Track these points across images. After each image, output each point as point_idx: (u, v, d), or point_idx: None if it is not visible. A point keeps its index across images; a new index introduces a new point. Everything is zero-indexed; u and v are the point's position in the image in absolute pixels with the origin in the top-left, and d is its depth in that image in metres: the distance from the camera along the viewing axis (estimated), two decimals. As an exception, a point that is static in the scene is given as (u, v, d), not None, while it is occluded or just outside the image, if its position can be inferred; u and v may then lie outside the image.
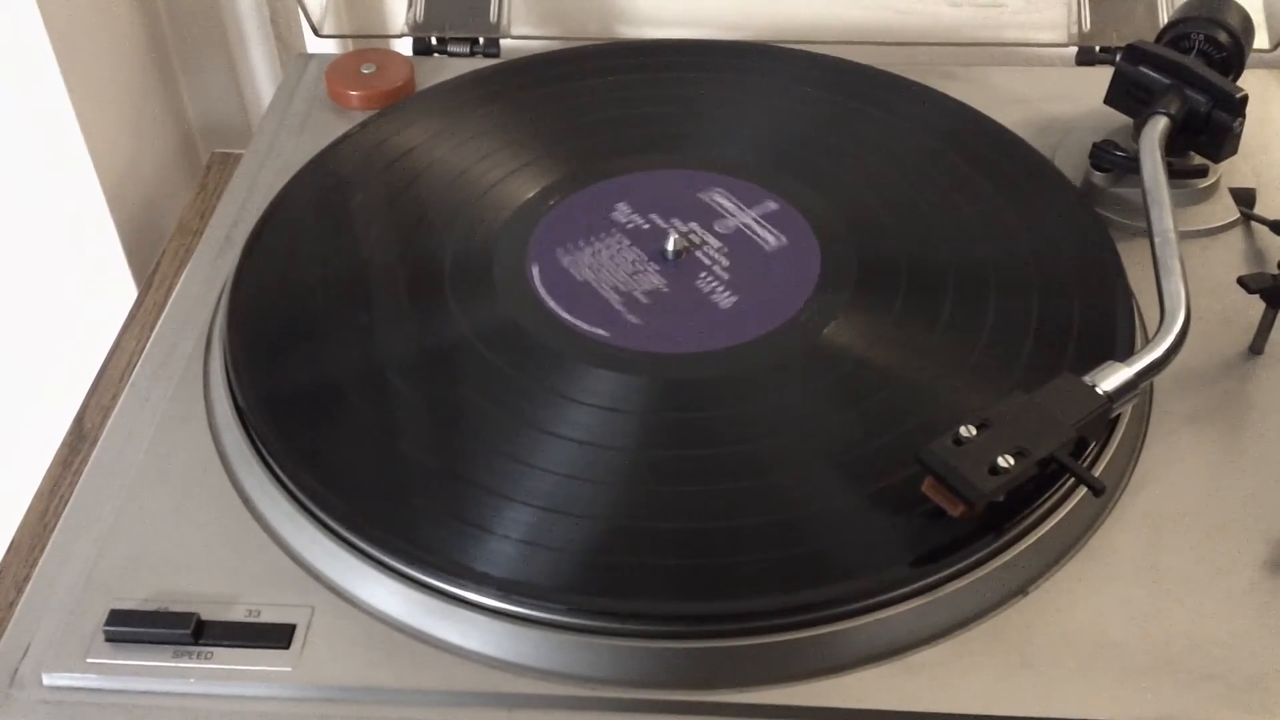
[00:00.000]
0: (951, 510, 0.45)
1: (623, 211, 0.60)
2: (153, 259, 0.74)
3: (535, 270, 0.57)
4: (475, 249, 0.58)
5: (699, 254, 0.57)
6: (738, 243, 0.58)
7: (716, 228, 0.59)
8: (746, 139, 0.64)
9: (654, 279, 0.56)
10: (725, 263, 0.57)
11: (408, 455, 0.49)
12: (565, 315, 0.54)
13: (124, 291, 0.76)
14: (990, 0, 0.76)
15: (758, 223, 0.59)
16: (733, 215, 0.60)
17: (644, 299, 0.55)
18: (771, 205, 0.60)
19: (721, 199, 0.60)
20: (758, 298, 0.55)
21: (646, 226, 0.59)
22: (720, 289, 0.56)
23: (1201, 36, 0.63)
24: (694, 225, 0.59)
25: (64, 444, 0.63)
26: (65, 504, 0.51)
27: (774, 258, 0.57)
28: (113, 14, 0.76)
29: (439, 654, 0.44)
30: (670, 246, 0.57)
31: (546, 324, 0.54)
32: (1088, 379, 0.47)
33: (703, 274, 0.56)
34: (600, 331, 0.53)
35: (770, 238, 0.58)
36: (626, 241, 0.58)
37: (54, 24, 0.68)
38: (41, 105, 0.70)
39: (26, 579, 0.53)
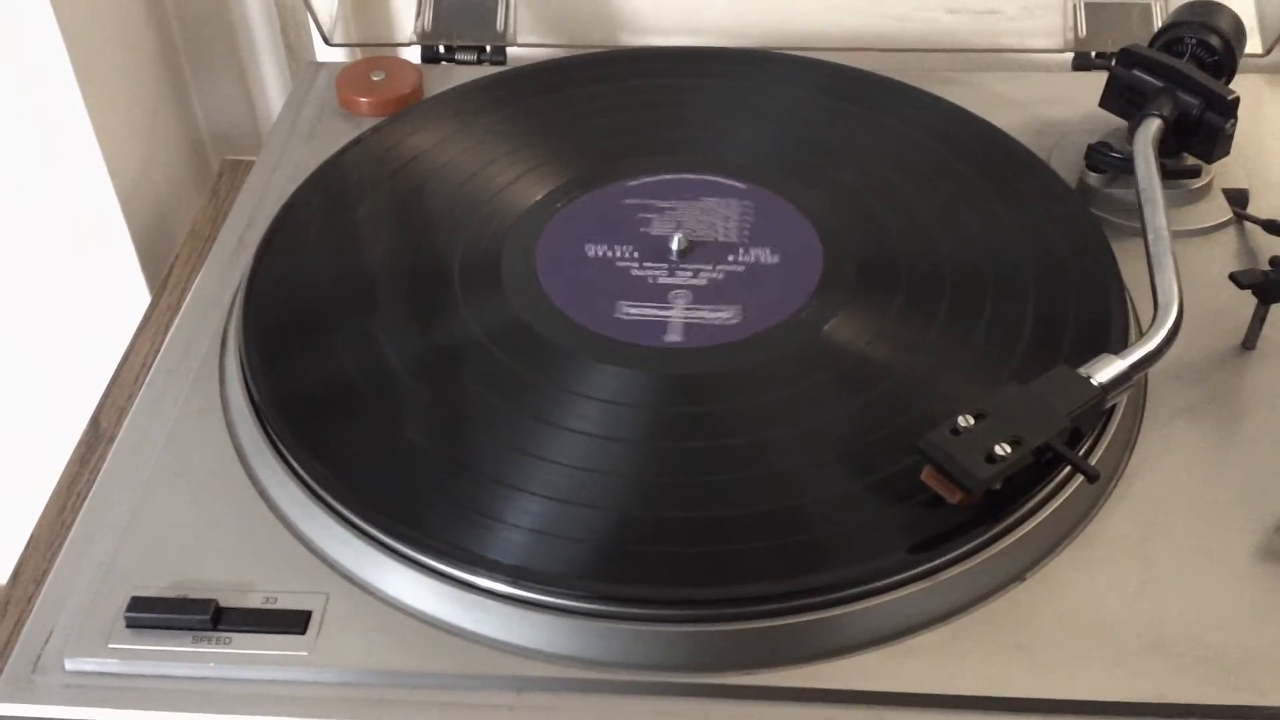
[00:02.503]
0: (950, 498, 0.46)
1: (627, 212, 0.61)
2: (165, 264, 0.75)
3: (542, 270, 0.58)
4: (484, 250, 0.59)
5: (703, 253, 0.59)
6: (741, 242, 0.59)
7: (720, 228, 0.60)
8: (748, 142, 0.66)
9: (659, 277, 0.57)
10: (729, 261, 0.58)
11: (419, 448, 0.51)
12: (572, 313, 0.55)
13: (137, 295, 0.77)
14: (987, 7, 0.77)
15: (760, 222, 0.60)
16: (735, 216, 0.61)
17: (649, 297, 0.56)
18: (774, 206, 0.61)
19: (724, 200, 0.62)
20: (761, 295, 0.56)
21: (650, 227, 0.60)
22: (724, 286, 0.57)
23: (1194, 41, 0.64)
24: (697, 225, 0.60)
25: (81, 442, 0.64)
26: (82, 501, 0.53)
27: (777, 257, 0.58)
28: (126, 24, 0.77)
29: (451, 639, 0.45)
30: (675, 246, 0.59)
31: (553, 321, 0.55)
32: (1083, 371, 0.48)
33: (707, 271, 0.58)
34: (606, 329, 0.55)
35: (773, 238, 0.59)
36: (631, 242, 0.59)
37: (70, 34, 0.69)
38: (57, 113, 0.71)
39: (45, 573, 0.54)
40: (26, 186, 0.75)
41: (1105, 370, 0.48)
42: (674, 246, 0.59)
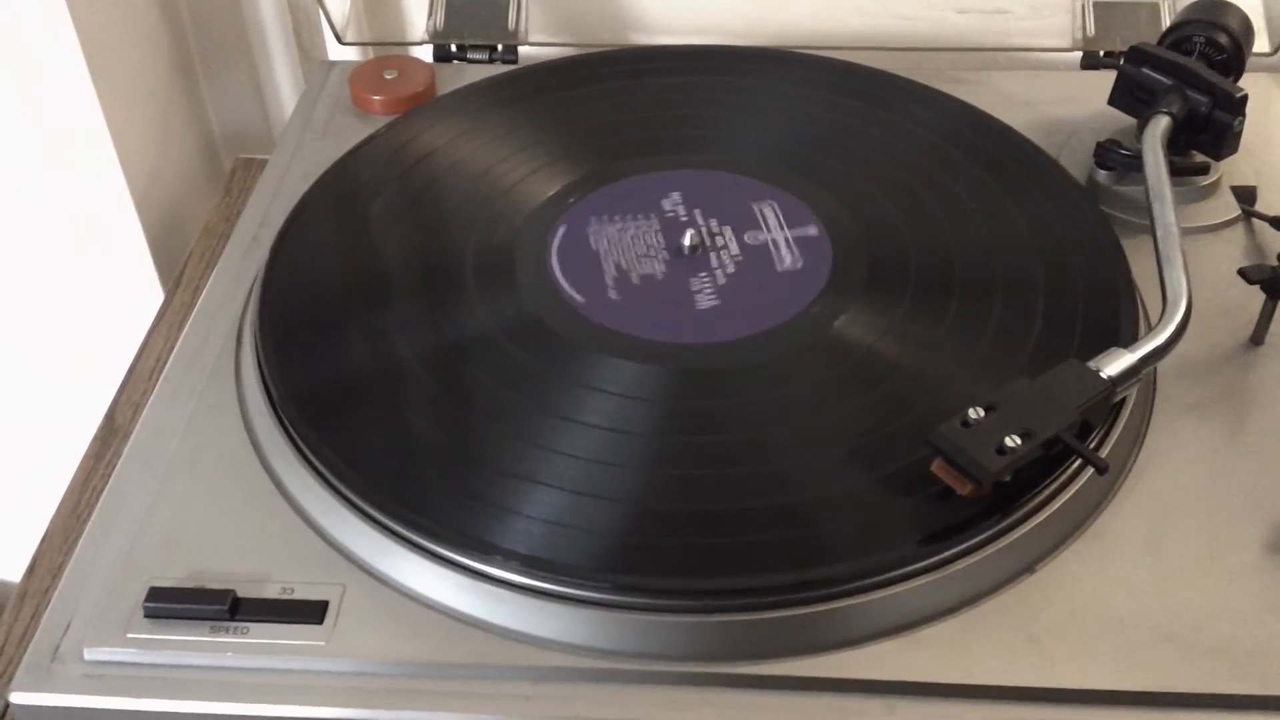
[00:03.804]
0: (960, 490, 0.46)
1: (638, 209, 0.62)
2: (178, 261, 0.76)
3: (556, 265, 0.58)
4: (497, 246, 0.60)
5: (715, 251, 0.59)
6: (751, 241, 0.60)
7: (731, 226, 0.61)
8: (759, 140, 0.66)
9: (672, 273, 0.58)
10: (739, 260, 0.59)
11: (434, 440, 0.51)
12: (584, 308, 0.56)
13: (150, 293, 0.78)
14: (996, 7, 0.78)
15: (769, 219, 0.61)
16: (745, 213, 0.61)
17: (660, 291, 0.57)
18: (784, 203, 0.62)
19: (734, 196, 0.62)
20: (772, 291, 0.57)
21: (662, 222, 0.61)
22: (734, 284, 0.57)
23: (1202, 39, 0.65)
24: (711, 222, 0.61)
25: (95, 438, 0.64)
26: (97, 496, 0.53)
27: (788, 254, 0.59)
28: (140, 24, 0.78)
29: (466, 629, 0.45)
30: (687, 242, 0.59)
31: (567, 317, 0.56)
32: (1092, 364, 0.49)
33: (717, 271, 0.58)
34: (618, 324, 0.55)
35: (783, 235, 0.60)
36: (645, 235, 0.60)
37: (85, 34, 0.70)
38: (72, 112, 0.72)
39: (61, 567, 0.55)
40: (41, 185, 0.75)
41: (1114, 364, 0.49)
42: (685, 243, 0.59)
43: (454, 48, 0.77)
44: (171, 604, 0.46)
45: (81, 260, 0.78)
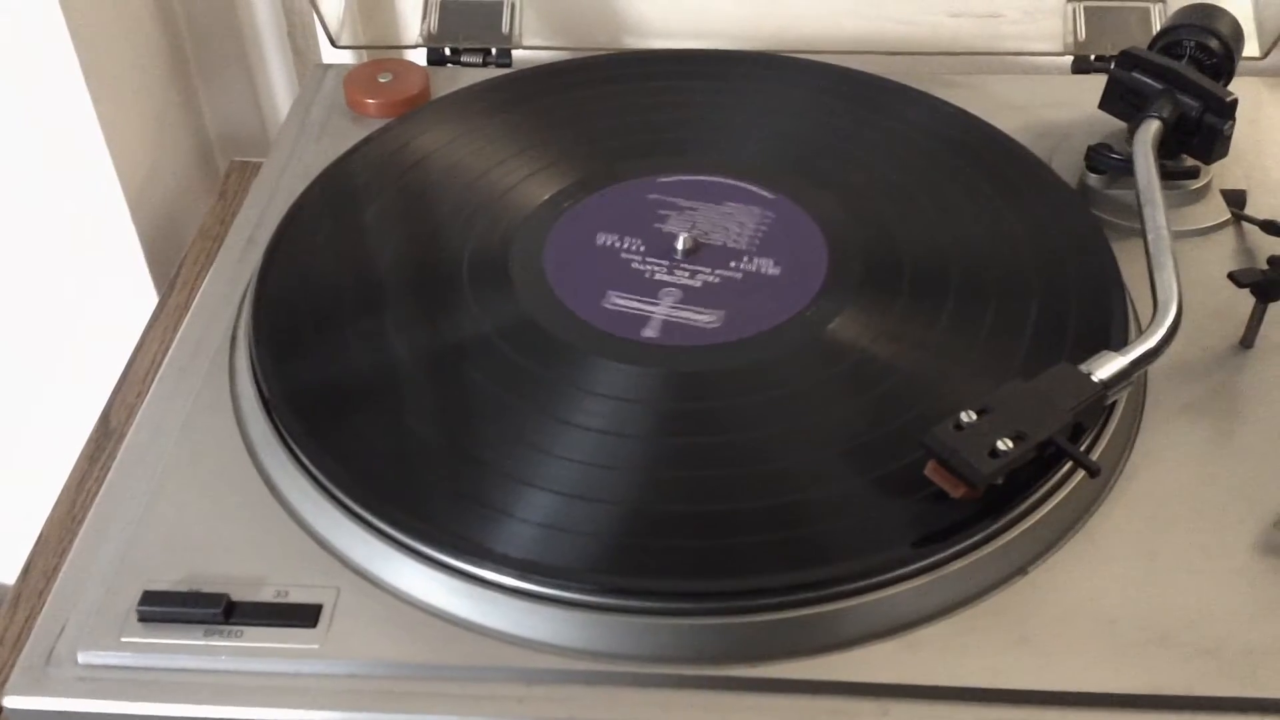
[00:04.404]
0: (953, 492, 0.46)
1: (633, 213, 0.62)
2: (173, 263, 0.76)
3: (550, 269, 0.58)
4: (492, 249, 0.60)
5: (708, 252, 0.59)
6: (747, 242, 0.60)
7: (726, 227, 0.61)
8: (754, 144, 0.66)
9: (665, 276, 0.58)
10: (735, 260, 0.59)
11: (428, 443, 0.51)
12: (580, 311, 0.56)
13: (145, 295, 0.78)
14: (989, 11, 0.78)
15: (766, 223, 0.61)
16: (741, 215, 0.61)
17: (656, 295, 0.57)
18: (779, 206, 0.62)
19: (730, 199, 0.62)
20: (767, 294, 0.57)
21: (657, 226, 0.61)
22: (729, 285, 0.57)
23: (1193, 43, 0.65)
24: (703, 225, 0.61)
25: (90, 440, 0.64)
26: (92, 498, 0.53)
27: (783, 256, 0.59)
28: (135, 26, 0.78)
29: (460, 632, 0.45)
30: (680, 245, 0.59)
31: (562, 319, 0.56)
32: (1084, 367, 0.49)
33: (712, 271, 0.58)
34: (614, 326, 0.55)
35: (779, 237, 0.60)
36: (638, 240, 0.60)
37: (79, 37, 0.70)
38: (66, 115, 0.72)
39: (56, 569, 0.55)
40: (35, 188, 0.75)
41: (1106, 367, 0.49)
42: (679, 246, 0.59)
43: (448, 51, 0.77)
44: (165, 607, 0.46)
45: (76, 262, 0.78)
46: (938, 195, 0.62)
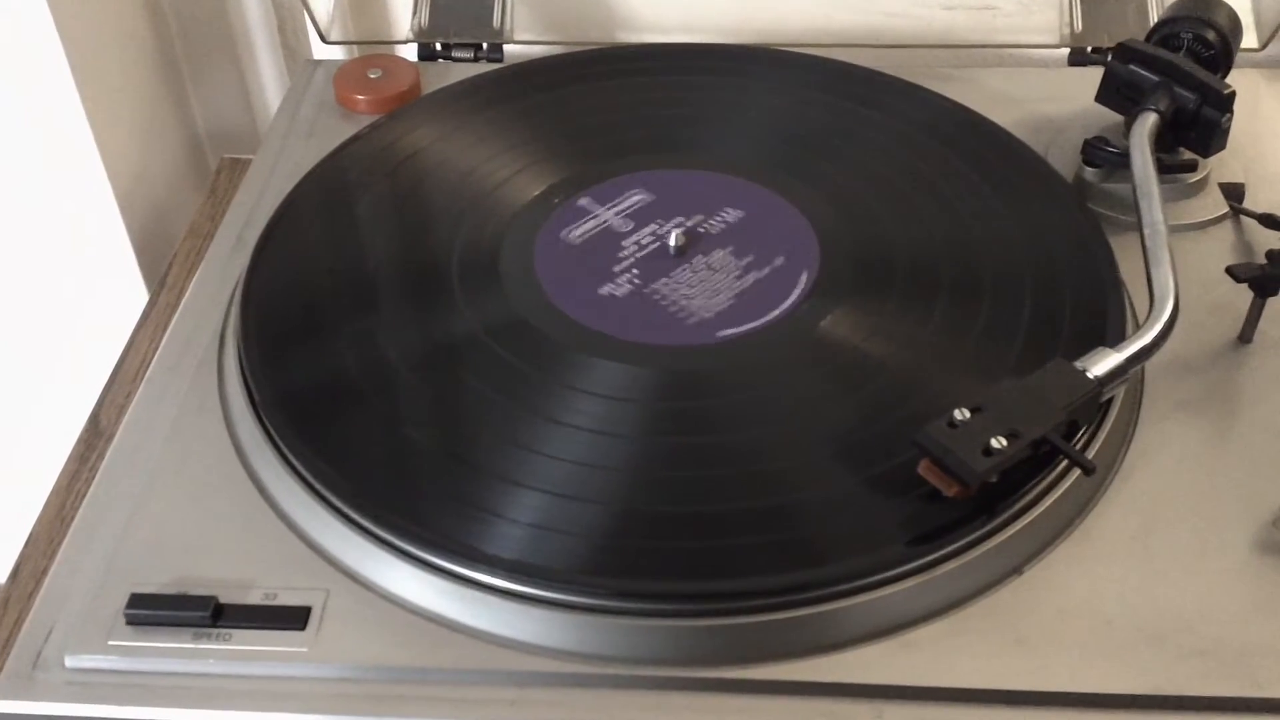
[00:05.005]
0: (947, 491, 0.46)
1: (625, 209, 0.61)
2: (163, 262, 0.75)
3: (541, 267, 0.58)
4: (482, 247, 0.59)
5: (700, 249, 0.59)
6: (738, 238, 0.59)
7: (716, 224, 0.60)
8: (746, 139, 0.66)
9: (657, 274, 0.58)
10: (726, 257, 0.58)
11: (418, 443, 0.51)
12: (570, 309, 0.56)
13: (135, 294, 0.78)
14: (983, 4, 0.77)
15: (757, 219, 0.60)
16: (733, 212, 0.61)
17: (647, 293, 0.57)
18: (771, 202, 0.61)
19: (721, 196, 0.62)
20: (758, 291, 0.56)
21: (648, 224, 0.60)
22: (722, 283, 0.57)
23: (1190, 35, 0.64)
24: (695, 222, 0.60)
25: (80, 440, 0.64)
26: (82, 499, 0.53)
27: (774, 252, 0.59)
28: (124, 23, 0.77)
29: (450, 634, 0.45)
30: (672, 242, 0.59)
31: (552, 318, 0.55)
32: (1079, 364, 0.49)
33: (705, 268, 0.58)
34: (604, 325, 0.55)
35: (770, 233, 0.60)
36: (630, 238, 0.60)
37: (67, 33, 0.69)
38: (55, 113, 0.72)
39: (45, 571, 0.54)
40: (24, 186, 0.75)
41: (1101, 364, 0.49)
42: (671, 243, 0.59)
43: (439, 46, 0.77)
44: (153, 610, 0.46)
45: (66, 261, 0.78)
46: (932, 190, 0.62)
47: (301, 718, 0.44)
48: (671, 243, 0.59)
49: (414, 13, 0.78)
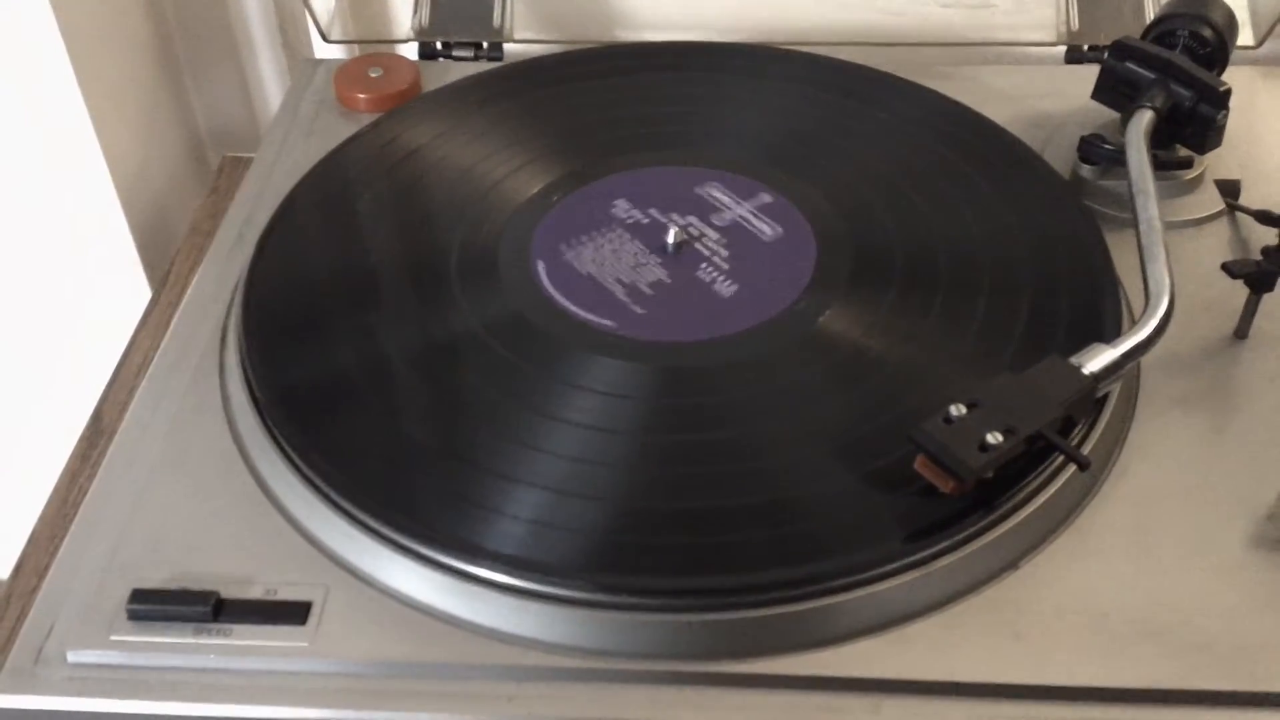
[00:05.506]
0: (943, 487, 0.46)
1: (623, 207, 0.62)
2: (165, 260, 0.75)
3: (540, 264, 0.58)
4: (481, 244, 0.59)
5: (698, 246, 0.59)
6: (736, 235, 0.60)
7: (715, 221, 0.61)
8: (744, 136, 0.66)
9: (655, 271, 0.58)
10: (724, 254, 0.59)
11: (418, 440, 0.51)
12: (570, 307, 0.56)
13: (137, 292, 0.78)
14: (980, 1, 0.78)
15: (755, 216, 0.61)
16: (730, 209, 0.61)
17: (645, 290, 0.57)
18: (768, 199, 0.62)
19: (719, 194, 0.62)
20: (756, 288, 0.57)
21: (647, 221, 0.61)
22: (720, 279, 0.57)
23: (1186, 32, 0.65)
24: (693, 219, 0.61)
25: (82, 438, 0.64)
26: (84, 495, 0.53)
27: (771, 249, 0.59)
28: (125, 22, 0.77)
29: (450, 629, 0.45)
30: (670, 239, 0.59)
31: (551, 315, 0.55)
32: (1074, 360, 0.49)
33: (703, 265, 0.58)
34: (603, 322, 0.55)
35: (767, 230, 0.60)
36: (628, 235, 0.60)
37: (69, 33, 0.70)
38: (57, 111, 0.72)
39: (47, 567, 0.54)
40: (27, 184, 0.75)
41: (1097, 360, 0.49)
42: (669, 239, 0.59)
43: (439, 45, 0.77)
44: (154, 605, 0.46)
45: (68, 259, 0.78)
46: (928, 187, 0.62)
47: (302, 712, 0.44)
48: (670, 239, 0.59)
49: (414, 12, 0.78)
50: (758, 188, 0.62)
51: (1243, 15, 0.69)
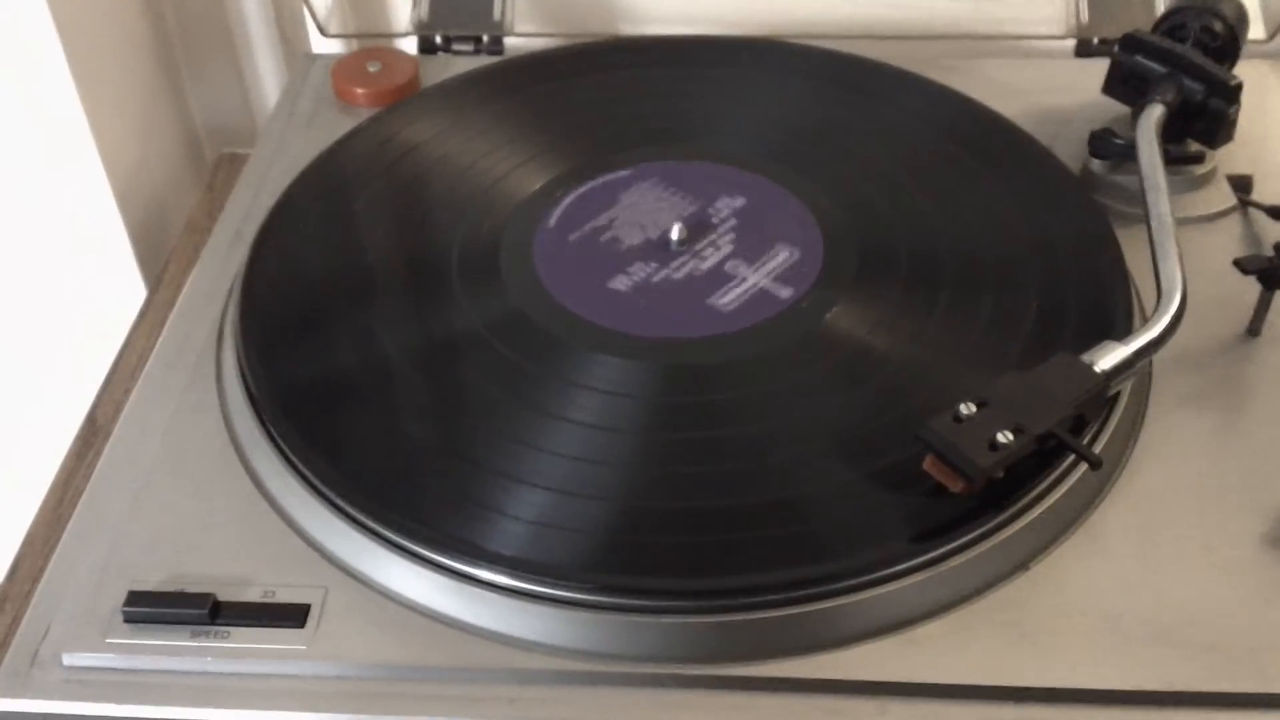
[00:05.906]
0: (952, 486, 0.45)
1: (626, 203, 0.61)
2: (161, 258, 0.75)
3: (541, 261, 0.57)
4: (482, 241, 0.59)
5: (702, 243, 0.58)
6: (741, 231, 0.59)
7: (719, 217, 0.60)
8: (748, 131, 0.65)
9: (658, 267, 0.57)
10: (729, 251, 0.58)
11: (418, 440, 0.50)
12: (571, 303, 0.55)
13: (133, 290, 0.77)
14: (988, -6, 0.77)
15: (761, 211, 0.60)
16: (735, 205, 0.60)
17: (648, 287, 0.56)
18: (774, 194, 0.61)
19: (724, 189, 0.61)
20: (761, 284, 0.56)
21: (650, 217, 0.60)
22: (724, 276, 0.57)
23: (1197, 26, 0.64)
24: (697, 215, 0.60)
25: (77, 438, 0.64)
26: (79, 496, 0.52)
27: (778, 245, 0.58)
28: (121, 17, 0.77)
29: (451, 632, 0.45)
30: (674, 235, 0.58)
31: (552, 312, 0.55)
32: (1085, 357, 0.48)
33: (706, 262, 0.57)
34: (605, 319, 0.54)
35: (774, 225, 0.59)
36: (630, 231, 0.59)
37: (65, 28, 0.69)
38: (53, 108, 0.71)
39: (42, 570, 0.54)
40: (22, 182, 0.74)
41: (1108, 357, 0.48)
42: (674, 236, 0.58)
43: (439, 39, 0.76)
44: (151, 608, 0.45)
45: (64, 257, 0.77)
46: (937, 182, 0.61)
47: (300, 716, 0.44)
48: (673, 235, 0.58)
49: (413, 5, 0.77)
50: (763, 183, 0.62)
51: (1254, 9, 0.68)
